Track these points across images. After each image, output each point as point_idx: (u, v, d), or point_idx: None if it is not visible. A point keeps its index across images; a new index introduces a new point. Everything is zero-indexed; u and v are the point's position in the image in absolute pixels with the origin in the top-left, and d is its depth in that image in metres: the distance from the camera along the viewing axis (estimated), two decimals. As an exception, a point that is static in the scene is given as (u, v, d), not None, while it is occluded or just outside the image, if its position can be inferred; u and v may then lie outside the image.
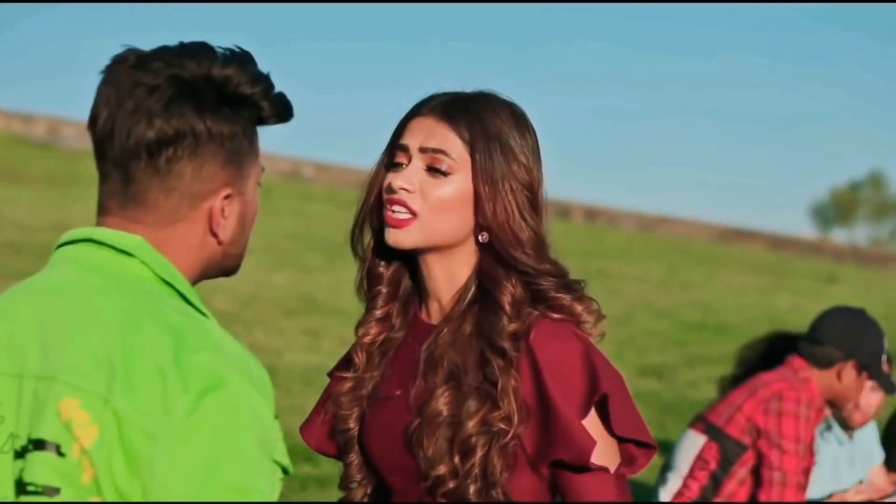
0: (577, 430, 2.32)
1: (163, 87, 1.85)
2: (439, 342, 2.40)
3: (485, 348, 2.36)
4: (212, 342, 1.80)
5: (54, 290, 1.88)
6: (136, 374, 1.75)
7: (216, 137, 1.87)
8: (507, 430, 2.32)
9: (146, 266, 1.87)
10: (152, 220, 1.88)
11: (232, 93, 1.88)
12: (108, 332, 1.80)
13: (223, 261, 1.96)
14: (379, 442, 2.44)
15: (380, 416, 2.45)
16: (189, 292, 1.89)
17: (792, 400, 4.59)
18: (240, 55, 1.91)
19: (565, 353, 2.35)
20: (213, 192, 1.89)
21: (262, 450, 1.77)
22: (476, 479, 2.33)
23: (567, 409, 2.32)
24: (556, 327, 2.36)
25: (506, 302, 2.36)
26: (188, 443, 1.72)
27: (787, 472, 4.56)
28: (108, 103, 1.86)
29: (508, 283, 2.38)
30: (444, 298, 2.44)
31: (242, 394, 1.77)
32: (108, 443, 1.74)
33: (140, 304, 1.83)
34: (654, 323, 14.20)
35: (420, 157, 2.39)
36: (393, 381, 2.45)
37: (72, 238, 1.92)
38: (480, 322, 2.38)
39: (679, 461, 4.76)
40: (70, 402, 1.77)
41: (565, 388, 2.33)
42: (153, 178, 1.86)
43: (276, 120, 1.94)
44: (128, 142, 1.85)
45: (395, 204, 2.37)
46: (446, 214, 2.38)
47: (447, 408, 2.35)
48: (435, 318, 2.45)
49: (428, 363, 2.39)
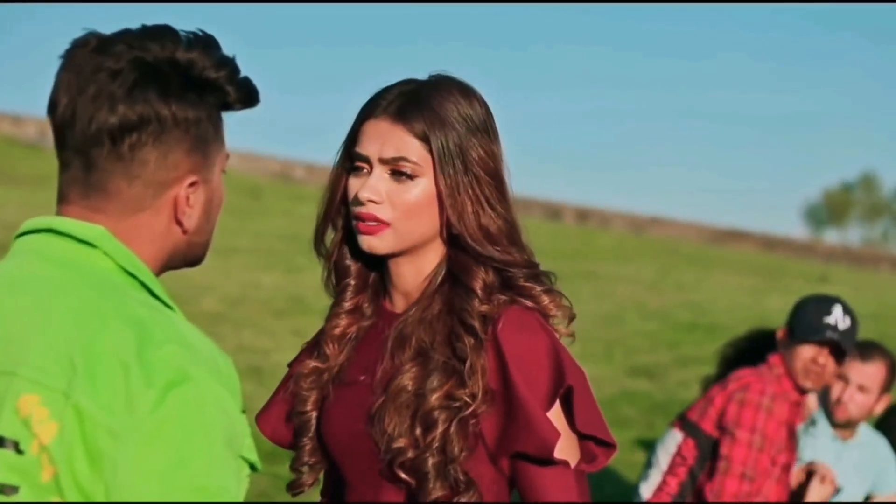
0: (542, 421, 2.28)
1: (125, 72, 1.78)
2: (408, 321, 2.37)
3: (454, 325, 2.33)
4: (177, 336, 1.74)
5: (14, 282, 1.81)
6: (98, 369, 1.69)
7: (181, 123, 1.80)
8: (471, 404, 2.28)
9: (109, 257, 1.81)
10: (115, 210, 1.82)
11: (197, 77, 1.82)
12: (70, 326, 1.73)
13: (188, 250, 1.90)
14: (339, 424, 2.41)
15: (342, 398, 2.42)
16: (153, 284, 1.83)
17: (756, 391, 4.58)
18: (203, 38, 1.84)
19: (531, 344, 2.31)
20: (178, 180, 1.83)
21: (229, 447, 1.72)
22: (435, 452, 2.29)
23: (531, 400, 2.29)
24: (525, 317, 2.33)
25: (477, 286, 2.34)
26: (153, 440, 1.66)
27: (732, 460, 4.53)
28: (69, 89, 1.80)
29: (479, 269, 2.35)
30: (410, 289, 2.42)
31: (208, 388, 1.71)
32: (68, 440, 1.68)
33: (103, 298, 1.76)
34: (646, 324, 14.19)
35: (381, 166, 2.35)
36: (358, 366, 2.43)
37: (32, 227, 1.86)
38: (450, 302, 2.35)
39: (659, 457, 4.77)
40: (29, 398, 1.71)
41: (530, 379, 2.29)
42: (116, 165, 1.80)
43: (242, 105, 1.88)
44: (90, 128, 1.78)
45: (365, 218, 2.35)
46: (417, 218, 2.35)
47: (412, 382, 2.33)
48: (400, 308, 2.42)
49: (396, 342, 2.37)
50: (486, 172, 2.35)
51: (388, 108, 2.36)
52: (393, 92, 2.37)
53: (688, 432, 4.69)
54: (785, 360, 4.68)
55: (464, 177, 2.34)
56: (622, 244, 24.48)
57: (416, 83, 2.39)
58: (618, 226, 28.81)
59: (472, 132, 2.35)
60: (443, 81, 2.39)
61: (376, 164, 2.34)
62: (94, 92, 1.78)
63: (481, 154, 2.35)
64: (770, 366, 4.70)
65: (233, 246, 15.75)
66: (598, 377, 11.02)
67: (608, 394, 10.47)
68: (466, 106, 2.37)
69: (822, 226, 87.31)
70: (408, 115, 2.34)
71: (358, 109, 2.41)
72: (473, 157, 2.34)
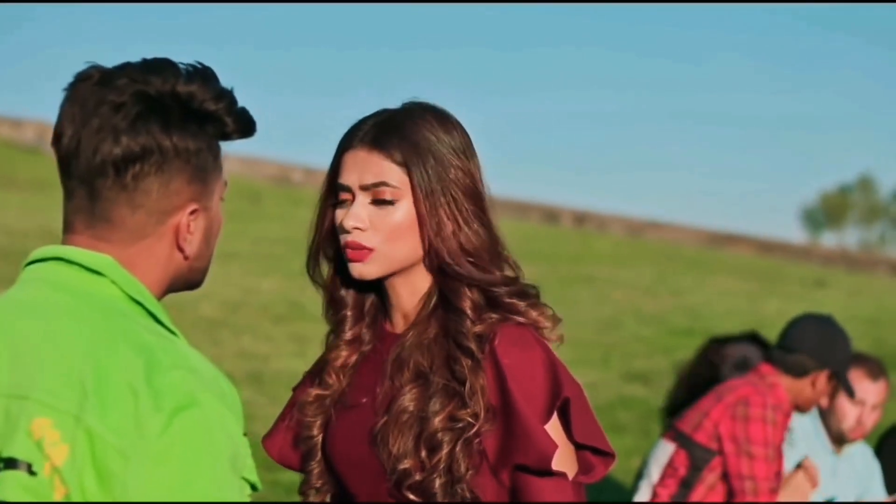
0: (540, 433, 2.36)
1: (128, 104, 1.85)
2: (405, 345, 2.45)
3: (451, 348, 2.40)
4: (184, 362, 1.81)
5: (24, 309, 1.89)
6: (108, 393, 1.77)
7: (182, 153, 1.88)
8: (475, 424, 2.35)
9: (116, 285, 1.88)
10: (119, 238, 1.89)
11: (197, 109, 1.89)
12: (80, 352, 1.81)
13: (189, 275, 1.97)
14: (344, 445, 2.48)
15: (346, 420, 2.49)
16: (158, 311, 1.90)
17: (758, 405, 4.61)
18: (202, 71, 1.92)
19: (528, 359, 2.39)
20: (180, 208, 1.90)
21: (233, 467, 1.79)
22: (441, 473, 2.36)
23: (530, 413, 2.36)
24: (519, 333, 2.41)
25: (466, 307, 2.41)
26: (161, 461, 1.74)
27: (758, 478, 4.57)
28: (73, 120, 1.87)
29: (466, 289, 2.43)
30: (409, 309, 2.49)
31: (214, 413, 1.78)
32: (79, 461, 1.75)
33: (111, 324, 1.84)
34: (642, 328, 14.22)
35: (363, 193, 2.43)
36: (360, 389, 2.50)
37: (41, 256, 1.93)
38: (445, 325, 2.43)
39: (650, 469, 4.80)
40: (42, 422, 1.78)
41: (528, 393, 2.37)
42: (120, 194, 1.87)
43: (239, 135, 1.96)
44: (94, 159, 1.86)
45: (352, 246, 2.43)
46: (401, 241, 2.43)
47: (413, 404, 2.40)
48: (400, 328, 2.50)
49: (395, 365, 2.44)
50: (463, 191, 2.44)
51: (364, 138, 2.44)
52: (368, 123, 2.46)
53: (680, 444, 4.72)
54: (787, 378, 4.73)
55: (441, 197, 2.42)
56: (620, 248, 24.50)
57: (390, 112, 2.48)
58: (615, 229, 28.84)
59: (447, 153, 2.44)
60: (416, 108, 2.48)
61: (358, 192, 2.43)
62: (98, 124, 1.85)
63: (458, 175, 2.44)
64: (761, 375, 4.74)
65: (232, 251, 15.78)
66: (595, 383, 11.07)
67: (605, 399, 10.52)
68: (440, 129, 2.45)
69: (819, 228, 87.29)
70: (384, 142, 2.43)
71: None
72: (450, 177, 2.43)
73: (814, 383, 4.76)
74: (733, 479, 4.59)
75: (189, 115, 1.88)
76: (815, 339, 4.79)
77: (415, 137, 2.43)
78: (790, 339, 4.81)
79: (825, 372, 4.76)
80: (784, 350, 4.78)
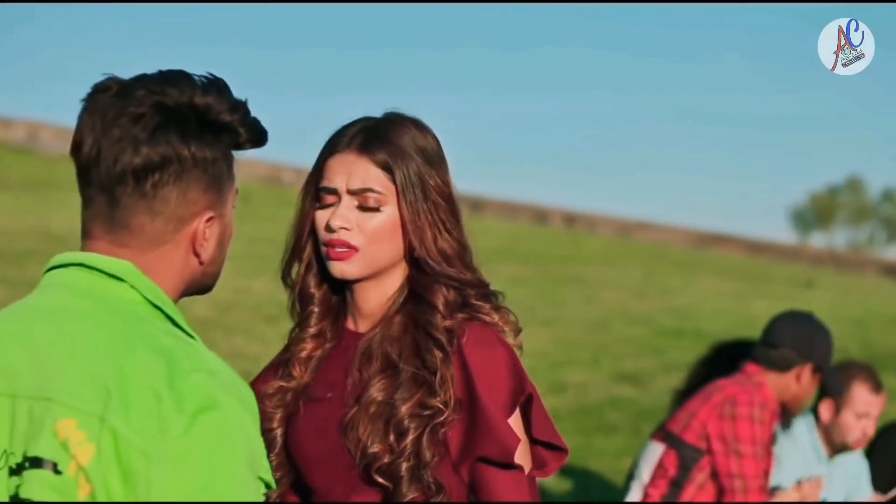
0: (504, 427, 2.48)
1: (147, 115, 1.92)
2: (374, 339, 2.55)
3: (421, 339, 2.51)
4: (203, 365, 1.89)
5: (45, 314, 1.95)
6: (131, 396, 1.83)
7: (200, 163, 1.95)
8: (444, 411, 2.47)
9: (135, 290, 1.95)
10: (138, 245, 1.96)
11: (214, 120, 1.96)
12: (102, 355, 1.87)
13: (202, 279, 2.05)
14: (310, 438, 2.57)
15: (311, 415, 2.58)
16: (176, 315, 1.98)
17: (745, 403, 4.67)
18: (217, 83, 1.99)
19: (493, 357, 2.51)
20: (197, 215, 1.98)
21: (251, 468, 1.86)
22: (409, 458, 2.46)
23: (494, 408, 2.48)
24: (485, 332, 2.54)
25: (439, 302, 2.53)
26: (183, 461, 1.81)
27: (747, 476, 4.62)
28: (93, 130, 1.93)
29: (440, 287, 2.54)
30: (374, 310, 2.59)
31: (234, 415, 1.86)
32: (105, 461, 1.82)
33: (132, 329, 1.91)
34: (631, 329, 14.26)
35: (349, 197, 2.53)
36: (323, 384, 2.60)
37: (61, 262, 1.99)
38: (414, 318, 2.53)
39: (640, 470, 4.85)
40: (67, 423, 1.85)
41: (492, 389, 2.49)
42: (139, 202, 1.94)
43: (252, 145, 2.03)
44: (115, 168, 1.92)
45: (336, 244, 2.53)
46: (384, 243, 2.54)
47: (382, 394, 2.50)
48: (363, 328, 2.60)
49: (363, 358, 2.54)
50: (442, 199, 2.56)
51: (351, 143, 2.55)
52: (354, 128, 2.57)
53: (669, 444, 4.77)
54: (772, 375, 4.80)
55: (423, 204, 2.54)
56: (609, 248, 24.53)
57: (374, 119, 2.59)
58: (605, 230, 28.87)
59: (428, 162, 2.55)
60: (398, 117, 2.59)
61: (344, 195, 2.54)
62: (119, 134, 1.92)
63: (438, 182, 2.56)
64: (747, 374, 4.80)
65: (223, 251, 15.73)
66: (584, 383, 11.11)
67: (595, 400, 10.57)
68: (422, 138, 2.57)
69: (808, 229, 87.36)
70: (371, 148, 2.54)
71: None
72: (431, 185, 2.55)
73: (798, 377, 4.83)
74: (722, 478, 4.64)
75: (206, 125, 1.96)
76: (796, 333, 4.86)
77: (399, 144, 2.54)
78: (772, 336, 4.88)
79: (809, 366, 4.84)
80: (767, 346, 4.86)
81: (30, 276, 11.63)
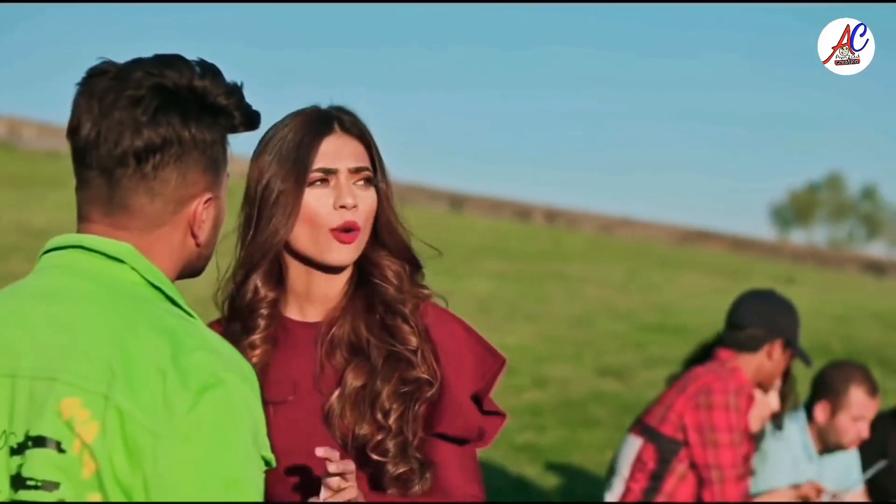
0: (467, 405, 2.51)
1: (147, 98, 1.94)
2: (335, 327, 2.53)
3: (387, 317, 2.51)
4: (205, 343, 1.90)
5: (45, 294, 1.96)
6: (136, 374, 1.85)
7: (199, 145, 1.97)
8: (431, 382, 2.49)
9: (136, 272, 1.96)
10: (137, 226, 1.97)
11: (212, 103, 1.98)
12: (105, 334, 1.88)
13: (196, 262, 2.06)
14: (288, 442, 2.48)
15: (282, 417, 2.52)
16: (176, 295, 1.99)
17: (720, 391, 4.68)
18: (211, 67, 2.01)
19: (455, 334, 2.55)
20: (195, 197, 1.99)
21: (255, 444, 1.88)
22: (395, 434, 2.47)
23: (459, 385, 2.51)
24: (441, 311, 2.58)
25: (391, 276, 2.54)
26: (189, 437, 1.83)
27: (723, 466, 4.63)
28: (91, 113, 1.94)
29: (390, 261, 2.56)
30: (329, 297, 2.58)
31: (238, 392, 1.87)
32: (109, 438, 1.84)
33: (134, 309, 1.92)
34: (614, 325, 14.28)
35: (350, 176, 2.55)
36: (280, 387, 2.54)
37: (59, 244, 2.00)
38: (371, 298, 2.53)
39: (620, 465, 4.85)
40: (71, 402, 1.86)
41: (459, 367, 2.52)
42: (139, 183, 1.95)
43: (246, 128, 2.05)
44: (115, 150, 1.94)
45: (352, 226, 2.53)
46: (370, 223, 2.57)
47: (360, 380, 2.49)
48: (313, 317, 2.57)
49: (328, 348, 2.52)
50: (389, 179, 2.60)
51: (342, 125, 2.58)
52: (332, 113, 2.59)
53: (647, 437, 4.77)
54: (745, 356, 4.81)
55: (388, 183, 2.59)
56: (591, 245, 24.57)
57: (336, 107, 2.61)
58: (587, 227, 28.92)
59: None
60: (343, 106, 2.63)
61: (345, 175, 2.54)
62: (119, 117, 1.93)
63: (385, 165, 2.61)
64: (721, 361, 4.81)
65: (205, 246, 15.70)
66: (568, 378, 11.13)
67: (578, 394, 10.58)
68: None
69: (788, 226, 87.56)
70: (357, 131, 2.58)
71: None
72: (385, 166, 2.60)
73: (770, 354, 4.84)
74: (700, 469, 4.65)
75: (204, 108, 1.97)
76: (761, 311, 4.88)
77: (367, 130, 2.59)
78: (738, 317, 4.90)
79: (778, 341, 4.85)
80: (734, 329, 4.87)
81: (12, 271, 11.61)
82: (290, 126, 2.56)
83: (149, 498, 1.82)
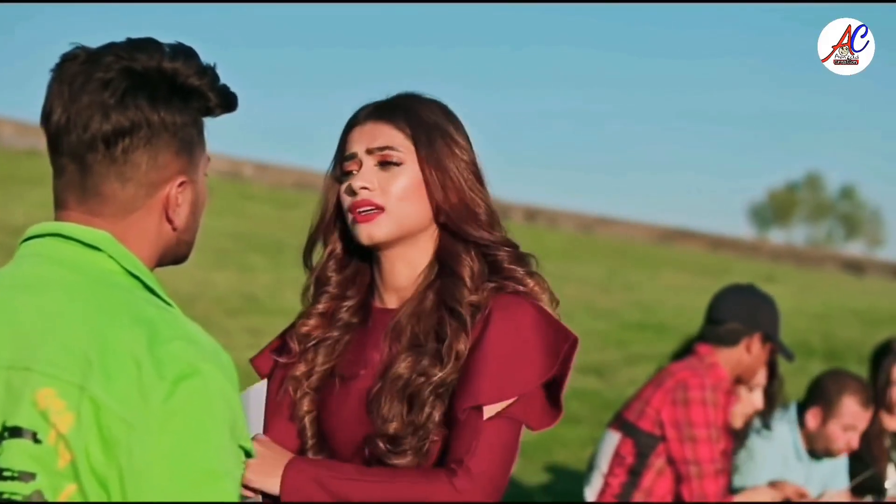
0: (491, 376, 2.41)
1: (116, 81, 1.91)
2: (402, 316, 2.52)
3: (444, 315, 2.48)
4: (183, 332, 1.88)
5: (23, 284, 1.94)
6: (112, 364, 1.82)
7: (169, 127, 1.94)
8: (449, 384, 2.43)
9: (113, 260, 1.94)
10: (111, 212, 1.95)
11: (182, 84, 1.96)
12: (81, 324, 1.86)
13: (177, 248, 2.04)
14: (344, 418, 2.53)
15: (344, 394, 2.55)
16: (154, 284, 1.97)
17: (696, 387, 4.67)
18: (184, 49, 1.98)
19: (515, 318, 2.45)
20: (168, 180, 1.97)
21: (232, 435, 1.86)
22: (417, 431, 2.44)
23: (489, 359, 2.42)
24: (515, 301, 2.49)
25: (465, 274, 2.49)
26: (165, 428, 1.80)
27: (702, 462, 4.63)
28: (62, 98, 1.93)
29: (468, 256, 2.51)
30: (404, 284, 2.56)
31: (215, 381, 1.85)
32: (85, 429, 1.81)
33: (111, 297, 1.90)
34: (595, 323, 14.31)
35: (369, 158, 2.53)
36: (356, 363, 2.56)
37: (37, 232, 1.98)
38: (441, 294, 2.50)
39: (599, 460, 4.85)
40: (46, 392, 1.84)
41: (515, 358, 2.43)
42: (110, 168, 1.93)
43: (222, 110, 2.02)
44: (84, 134, 1.91)
45: (361, 206, 2.50)
46: (409, 201, 2.51)
47: (408, 371, 2.47)
48: (393, 304, 2.57)
49: (393, 335, 2.52)
50: (464, 160, 2.54)
51: (371, 114, 2.56)
52: (370, 105, 2.58)
53: (625, 433, 4.77)
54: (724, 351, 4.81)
55: (447, 161, 2.52)
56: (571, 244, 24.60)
57: (396, 96, 2.60)
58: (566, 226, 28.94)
59: (450, 129, 2.55)
60: (421, 95, 2.61)
61: (365, 158, 2.53)
62: (88, 101, 1.91)
63: (459, 142, 2.55)
64: (700, 356, 4.80)
65: (184, 245, 15.67)
66: (548, 375, 11.14)
67: (559, 392, 10.59)
68: (436, 107, 2.58)
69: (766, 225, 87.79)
70: (389, 114, 2.55)
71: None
72: (454, 150, 2.53)
73: (749, 349, 4.84)
74: (678, 464, 4.65)
75: (174, 90, 1.95)
76: (740, 305, 4.87)
77: (418, 111, 2.55)
78: (716, 312, 4.89)
79: (757, 335, 4.84)
80: (713, 324, 4.87)
81: (-9, 269, 11.55)
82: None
83: (124, 488, 1.80)
